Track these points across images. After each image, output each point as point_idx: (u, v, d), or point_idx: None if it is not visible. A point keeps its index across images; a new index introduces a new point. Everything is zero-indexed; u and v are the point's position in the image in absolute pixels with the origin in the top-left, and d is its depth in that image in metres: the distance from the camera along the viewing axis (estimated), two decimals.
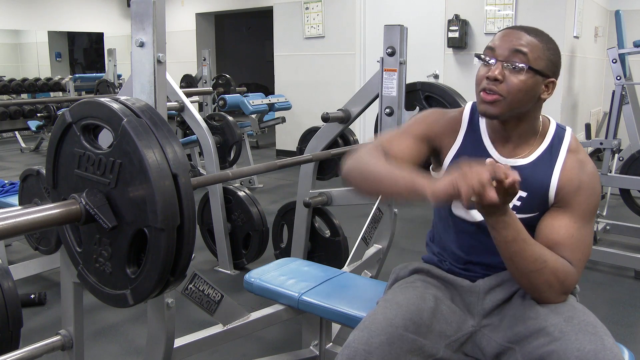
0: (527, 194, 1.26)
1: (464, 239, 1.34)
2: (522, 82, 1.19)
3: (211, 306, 1.64)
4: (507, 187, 1.02)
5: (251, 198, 2.99)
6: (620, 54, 3.85)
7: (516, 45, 1.18)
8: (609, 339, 1.09)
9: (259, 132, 5.94)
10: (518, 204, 1.26)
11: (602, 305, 2.65)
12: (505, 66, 1.19)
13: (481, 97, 1.22)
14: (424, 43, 5.44)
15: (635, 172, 3.45)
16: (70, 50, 10.83)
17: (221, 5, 8.68)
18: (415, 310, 1.24)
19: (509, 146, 1.29)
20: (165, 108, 1.38)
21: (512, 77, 1.19)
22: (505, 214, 1.11)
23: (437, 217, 1.45)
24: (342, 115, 2.39)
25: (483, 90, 1.22)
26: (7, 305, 1.55)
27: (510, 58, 1.19)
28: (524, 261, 1.15)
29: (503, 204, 1.07)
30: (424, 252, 1.52)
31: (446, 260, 1.40)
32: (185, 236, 1.08)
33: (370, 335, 1.16)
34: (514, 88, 1.19)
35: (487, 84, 1.20)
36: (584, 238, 1.21)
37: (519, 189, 1.05)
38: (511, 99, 1.20)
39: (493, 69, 1.20)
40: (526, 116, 1.25)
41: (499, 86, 1.19)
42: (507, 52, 1.19)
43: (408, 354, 1.17)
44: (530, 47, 1.19)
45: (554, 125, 1.30)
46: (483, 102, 1.22)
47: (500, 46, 1.20)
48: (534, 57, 1.19)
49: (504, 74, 1.19)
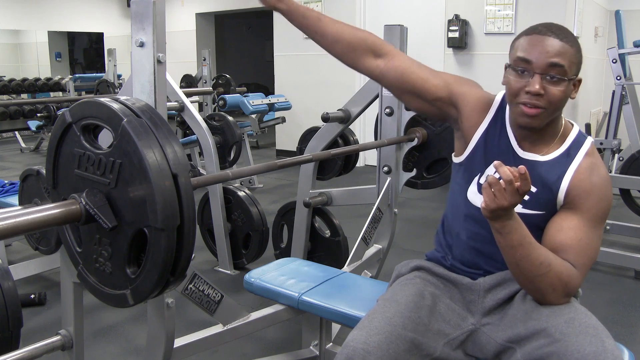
0: (537, 189, 1.26)
1: (472, 225, 1.34)
2: (562, 92, 1.19)
3: (211, 306, 1.64)
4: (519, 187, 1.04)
5: (251, 198, 2.99)
6: (620, 54, 3.85)
7: (552, 58, 1.18)
8: (609, 341, 1.09)
9: (259, 132, 5.94)
10: (526, 198, 1.26)
11: (602, 305, 2.65)
12: (543, 78, 1.19)
13: (522, 110, 1.21)
14: (424, 43, 5.43)
15: (635, 172, 3.45)
16: (70, 50, 10.82)
17: (221, 5, 8.67)
18: (413, 307, 1.25)
19: (530, 143, 1.29)
20: (165, 108, 1.38)
21: (553, 89, 1.19)
22: (511, 218, 1.12)
23: (450, 202, 1.45)
24: (342, 115, 2.39)
25: (523, 104, 1.21)
26: (7, 305, 1.54)
27: (548, 71, 1.18)
28: (529, 266, 1.15)
29: (512, 205, 1.08)
30: (424, 252, 1.52)
31: (449, 254, 1.40)
32: (185, 236, 1.08)
33: (368, 335, 1.16)
34: (555, 99, 1.19)
35: (529, 98, 1.20)
36: (591, 242, 1.21)
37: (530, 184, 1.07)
38: (552, 109, 1.21)
39: (532, 82, 1.19)
40: (553, 118, 1.26)
41: (541, 99, 1.19)
42: (544, 64, 1.18)
43: (406, 352, 1.18)
44: (564, 57, 1.18)
45: (576, 130, 1.31)
46: (525, 115, 1.21)
47: (535, 57, 1.19)
48: (569, 65, 1.19)
49: (544, 87, 1.19)
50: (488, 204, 1.08)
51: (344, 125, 2.43)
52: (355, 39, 1.42)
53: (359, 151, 3.10)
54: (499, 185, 1.06)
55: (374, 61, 1.42)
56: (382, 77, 1.43)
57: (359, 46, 1.41)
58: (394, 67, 1.41)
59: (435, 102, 1.39)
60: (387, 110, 2.29)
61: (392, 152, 2.34)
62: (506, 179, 1.05)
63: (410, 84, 1.40)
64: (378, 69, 1.42)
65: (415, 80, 1.39)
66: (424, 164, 2.49)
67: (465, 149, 1.37)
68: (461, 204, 1.37)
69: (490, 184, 1.07)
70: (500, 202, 1.07)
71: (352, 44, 1.41)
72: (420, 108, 1.45)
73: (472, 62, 5.36)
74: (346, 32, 1.42)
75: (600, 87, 6.56)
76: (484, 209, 1.10)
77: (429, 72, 1.41)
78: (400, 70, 1.40)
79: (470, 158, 1.36)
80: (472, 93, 1.38)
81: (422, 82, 1.38)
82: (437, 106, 1.40)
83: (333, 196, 2.60)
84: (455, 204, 1.40)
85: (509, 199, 1.06)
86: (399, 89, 1.43)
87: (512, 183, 1.05)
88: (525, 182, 1.05)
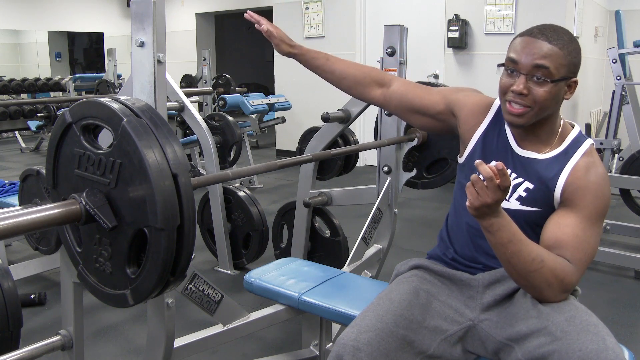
0: (533, 185, 1.28)
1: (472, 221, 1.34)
2: (547, 92, 1.22)
3: (211, 306, 1.64)
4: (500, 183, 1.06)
5: (251, 198, 2.99)
6: (620, 54, 3.85)
7: (537, 60, 1.21)
8: (610, 339, 1.09)
9: (259, 132, 5.94)
10: (523, 195, 1.29)
11: (602, 305, 2.65)
12: (529, 79, 1.22)
13: (507, 108, 1.26)
14: (424, 43, 5.43)
15: (635, 172, 3.45)
16: (70, 50, 10.82)
17: (221, 5, 8.68)
18: (407, 305, 1.26)
19: (528, 141, 1.32)
20: (165, 108, 1.38)
21: (537, 89, 1.22)
22: (497, 216, 1.13)
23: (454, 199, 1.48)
24: (342, 115, 2.39)
25: (509, 102, 1.26)
26: (7, 305, 1.54)
27: (533, 72, 1.21)
28: (521, 262, 1.15)
29: (496, 201, 1.09)
30: (424, 252, 1.52)
31: (450, 248, 1.42)
32: (185, 236, 1.08)
33: (359, 332, 1.18)
34: (540, 98, 1.22)
35: (514, 97, 1.24)
36: (588, 239, 1.21)
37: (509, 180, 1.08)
38: (538, 108, 1.24)
39: (517, 82, 1.23)
40: (546, 118, 1.28)
41: (525, 99, 1.23)
42: (529, 66, 1.21)
43: (398, 349, 1.19)
44: (551, 59, 1.20)
45: (576, 131, 1.32)
46: (509, 113, 1.26)
47: (523, 59, 1.22)
48: (555, 67, 1.21)
49: (528, 87, 1.22)
50: (472, 202, 1.10)
51: (344, 125, 2.43)
52: (360, 73, 1.58)
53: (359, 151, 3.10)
54: (481, 183, 1.08)
55: (378, 90, 1.58)
56: (387, 102, 1.58)
57: (364, 79, 1.58)
58: (394, 91, 1.55)
59: (437, 115, 1.49)
60: (386, 111, 2.29)
61: (392, 152, 2.34)
62: (486, 176, 1.07)
63: (410, 104, 1.52)
64: (382, 97, 1.58)
65: (414, 99, 1.52)
66: (424, 164, 2.49)
67: (465, 150, 1.42)
68: (462, 202, 1.38)
69: (473, 182, 1.09)
70: (484, 199, 1.08)
71: (358, 77, 1.58)
72: (426, 125, 1.55)
73: (472, 62, 5.36)
74: (352, 68, 1.59)
75: (600, 87, 6.56)
76: (469, 207, 1.12)
77: (427, 90, 1.53)
78: (399, 93, 1.54)
79: (469, 158, 1.40)
80: (467, 98, 1.44)
81: (420, 100, 1.51)
82: (440, 119, 1.49)
83: (333, 196, 2.60)
84: (457, 202, 1.43)
85: (491, 196, 1.08)
86: (403, 110, 1.55)
87: (493, 180, 1.06)
88: (504, 178, 1.06)
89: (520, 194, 1.29)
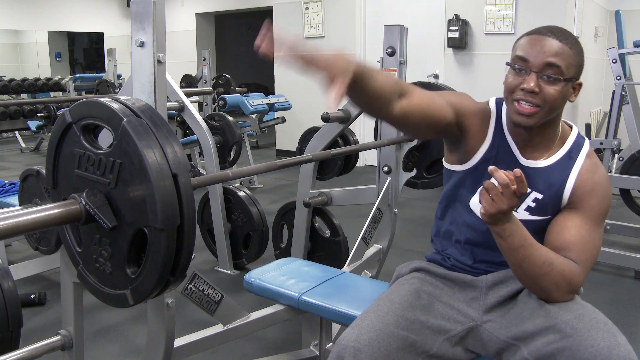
0: (542, 195, 1.27)
1: (472, 233, 1.36)
2: (558, 91, 1.20)
3: (211, 306, 1.64)
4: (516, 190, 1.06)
5: (251, 198, 2.99)
6: (620, 54, 3.85)
7: (549, 57, 1.18)
8: (621, 336, 1.10)
9: (259, 132, 5.93)
10: (533, 205, 1.28)
11: (602, 305, 2.65)
12: (539, 77, 1.19)
13: (516, 107, 1.22)
14: (424, 43, 5.43)
15: (635, 172, 3.45)
16: (70, 50, 10.82)
17: (221, 5, 8.68)
18: (408, 306, 1.25)
19: (531, 148, 1.30)
20: (165, 108, 1.38)
21: (548, 88, 1.19)
22: (509, 221, 1.13)
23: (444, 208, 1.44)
24: (342, 115, 2.39)
25: (517, 101, 1.21)
26: (7, 305, 1.54)
27: (545, 70, 1.19)
28: (532, 266, 1.16)
29: (511, 207, 1.09)
30: (424, 252, 1.52)
31: (448, 257, 1.41)
32: (185, 236, 1.08)
33: (360, 333, 1.17)
34: (551, 98, 1.19)
35: (524, 95, 1.20)
36: (593, 240, 1.22)
37: (526, 186, 1.07)
38: (548, 107, 1.21)
39: (528, 80, 1.19)
40: (551, 121, 1.26)
41: (535, 97, 1.19)
42: (540, 63, 1.19)
43: (400, 350, 1.18)
44: (562, 57, 1.19)
45: (575, 132, 1.32)
46: (519, 113, 1.22)
47: (533, 56, 1.19)
48: (566, 66, 1.19)
49: (540, 85, 1.19)
50: (487, 209, 1.10)
51: (344, 125, 2.43)
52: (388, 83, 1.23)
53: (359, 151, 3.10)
54: (496, 190, 1.07)
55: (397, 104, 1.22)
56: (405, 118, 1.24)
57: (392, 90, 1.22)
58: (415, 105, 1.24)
59: (446, 127, 1.32)
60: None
61: (392, 152, 2.34)
62: (502, 183, 1.06)
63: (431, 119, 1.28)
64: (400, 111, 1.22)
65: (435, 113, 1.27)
66: (424, 164, 2.49)
67: (470, 159, 1.35)
68: (462, 212, 1.38)
69: (487, 189, 1.09)
70: (499, 206, 1.08)
71: None
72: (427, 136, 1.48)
73: (472, 62, 5.36)
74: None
75: (600, 87, 6.56)
76: (483, 215, 1.12)
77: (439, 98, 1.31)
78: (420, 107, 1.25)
79: (475, 168, 1.34)
80: (470, 107, 1.34)
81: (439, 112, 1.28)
82: (445, 130, 1.33)
83: (333, 196, 2.60)
84: (455, 212, 1.40)
85: (507, 202, 1.08)
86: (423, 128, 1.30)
87: (509, 186, 1.06)
88: (521, 185, 1.06)
89: (529, 204, 1.28)
